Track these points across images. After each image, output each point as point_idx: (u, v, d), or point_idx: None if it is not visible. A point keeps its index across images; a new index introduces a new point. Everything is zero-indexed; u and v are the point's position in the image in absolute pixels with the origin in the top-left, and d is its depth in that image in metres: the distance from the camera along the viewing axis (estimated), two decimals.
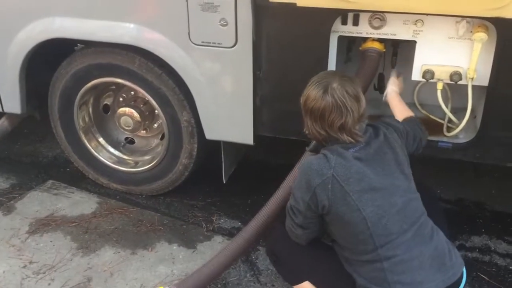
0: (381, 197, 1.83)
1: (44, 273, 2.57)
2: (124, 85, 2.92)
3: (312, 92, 1.85)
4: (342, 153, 1.84)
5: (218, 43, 2.46)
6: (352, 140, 1.85)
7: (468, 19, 2.21)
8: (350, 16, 2.37)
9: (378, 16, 2.33)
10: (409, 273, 1.82)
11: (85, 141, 3.15)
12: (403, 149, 1.98)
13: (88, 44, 2.83)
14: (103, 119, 3.23)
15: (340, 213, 1.84)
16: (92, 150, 3.17)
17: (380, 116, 2.56)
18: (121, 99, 3.11)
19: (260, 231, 2.29)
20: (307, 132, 1.94)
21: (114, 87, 3.08)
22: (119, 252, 2.71)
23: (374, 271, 1.85)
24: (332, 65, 2.47)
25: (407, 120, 2.24)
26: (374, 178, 1.83)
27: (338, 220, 1.88)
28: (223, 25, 2.40)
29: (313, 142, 2.17)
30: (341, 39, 2.47)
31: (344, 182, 1.81)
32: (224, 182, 2.95)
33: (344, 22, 2.39)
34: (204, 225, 2.93)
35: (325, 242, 2.12)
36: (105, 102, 3.19)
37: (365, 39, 2.47)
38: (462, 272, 1.92)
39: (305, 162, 1.91)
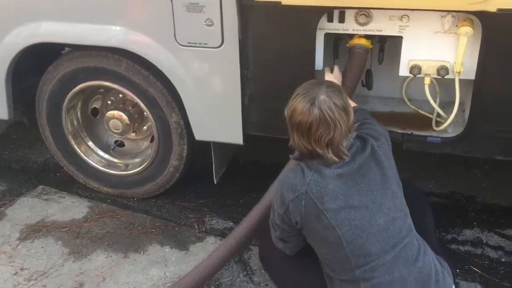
0: (360, 216, 1.76)
1: (36, 279, 2.55)
2: (112, 88, 2.90)
3: (299, 105, 1.76)
4: (320, 169, 1.78)
5: (205, 44, 2.45)
6: (336, 160, 1.76)
7: (453, 13, 2.21)
8: (336, 13, 2.37)
9: (364, 13, 2.33)
10: None
11: (75, 146, 3.13)
12: (392, 162, 1.91)
13: (75, 48, 2.82)
14: (92, 123, 3.21)
15: (314, 230, 1.80)
16: (82, 154, 3.15)
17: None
18: (109, 102, 3.10)
19: (252, 231, 2.29)
20: (292, 145, 1.86)
21: (102, 90, 3.07)
22: (111, 256, 2.70)
23: None
24: (319, 62, 2.47)
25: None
26: (353, 196, 1.76)
27: (313, 237, 1.85)
28: (208, 25, 2.39)
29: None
30: (327, 36, 2.46)
31: (318, 200, 1.75)
32: (215, 182, 2.94)
33: (330, 19, 2.39)
34: (196, 227, 2.92)
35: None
36: (94, 106, 3.17)
37: (352, 36, 2.47)
38: None
39: (283, 174, 1.88)
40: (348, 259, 1.77)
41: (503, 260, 2.63)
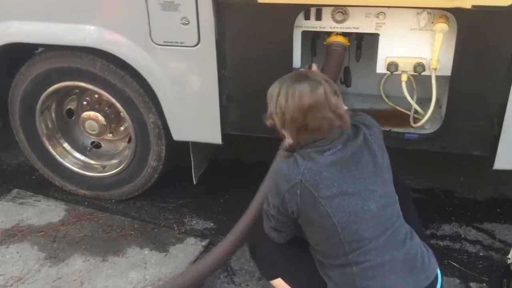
0: (354, 202, 1.78)
1: (12, 285, 2.50)
2: (87, 89, 2.85)
3: (301, 90, 1.76)
4: (314, 158, 1.79)
5: (181, 43, 2.42)
6: (339, 135, 1.79)
7: (429, 10, 2.22)
8: (313, 11, 2.36)
9: (341, 10, 2.33)
10: (379, 278, 1.79)
11: (50, 148, 3.07)
12: (384, 151, 1.92)
13: (48, 48, 2.76)
14: (67, 124, 3.15)
15: (310, 218, 1.82)
16: (57, 156, 3.09)
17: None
18: (85, 102, 3.04)
19: (240, 239, 2.26)
20: (299, 139, 1.81)
21: (77, 91, 3.01)
22: (89, 260, 2.65)
23: (344, 276, 1.83)
24: (297, 60, 2.46)
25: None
26: (347, 183, 1.78)
27: (309, 225, 1.86)
28: (184, 24, 2.36)
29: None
30: (305, 34, 2.46)
31: (313, 187, 1.76)
32: (194, 182, 2.91)
33: (307, 17, 2.38)
34: (176, 228, 2.88)
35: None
36: (69, 107, 3.11)
37: (329, 34, 2.47)
38: (437, 274, 1.90)
39: (277, 166, 1.88)
40: (342, 245, 1.80)
41: (481, 254, 2.66)
